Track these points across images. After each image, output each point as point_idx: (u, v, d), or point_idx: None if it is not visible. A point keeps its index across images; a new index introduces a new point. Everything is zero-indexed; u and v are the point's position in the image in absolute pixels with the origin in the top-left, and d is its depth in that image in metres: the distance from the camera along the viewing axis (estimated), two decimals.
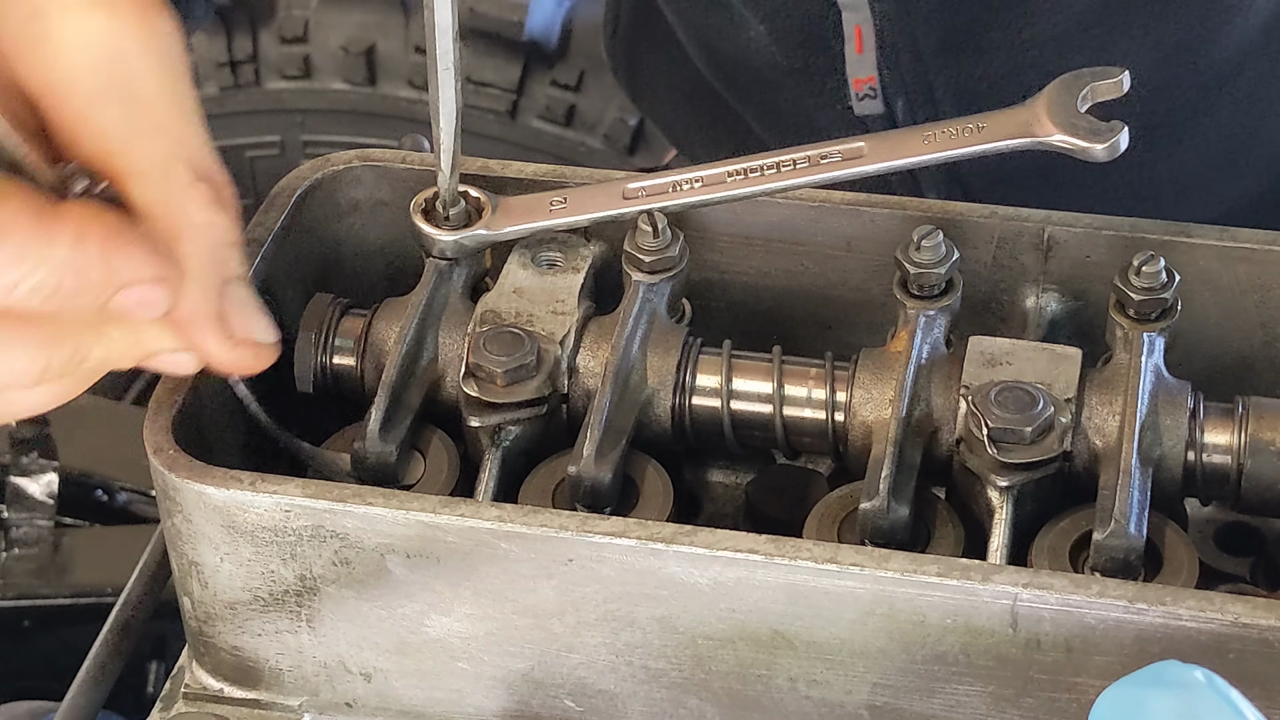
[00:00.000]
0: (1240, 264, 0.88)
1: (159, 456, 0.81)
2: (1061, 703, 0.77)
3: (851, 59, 1.23)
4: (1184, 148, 1.28)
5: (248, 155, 2.27)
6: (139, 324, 0.77)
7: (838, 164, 0.87)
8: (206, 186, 0.76)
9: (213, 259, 0.77)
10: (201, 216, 0.76)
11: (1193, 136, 1.27)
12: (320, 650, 0.84)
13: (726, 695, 0.80)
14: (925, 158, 0.86)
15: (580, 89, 2.21)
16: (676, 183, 0.88)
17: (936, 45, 1.22)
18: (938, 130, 0.86)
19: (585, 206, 0.89)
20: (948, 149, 0.86)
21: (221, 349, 0.78)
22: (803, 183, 0.87)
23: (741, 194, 0.87)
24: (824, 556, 0.76)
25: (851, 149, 0.86)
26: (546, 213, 0.89)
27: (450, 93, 0.83)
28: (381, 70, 2.24)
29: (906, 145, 0.87)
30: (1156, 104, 1.24)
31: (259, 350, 0.80)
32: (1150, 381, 0.83)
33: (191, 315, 0.77)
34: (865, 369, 0.85)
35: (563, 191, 0.89)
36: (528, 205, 0.89)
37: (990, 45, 1.21)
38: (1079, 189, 1.09)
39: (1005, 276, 0.91)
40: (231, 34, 2.25)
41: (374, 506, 0.79)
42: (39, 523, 1.49)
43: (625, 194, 0.88)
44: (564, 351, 0.86)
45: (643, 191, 0.88)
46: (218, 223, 0.77)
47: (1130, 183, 1.27)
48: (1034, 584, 0.75)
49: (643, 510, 0.83)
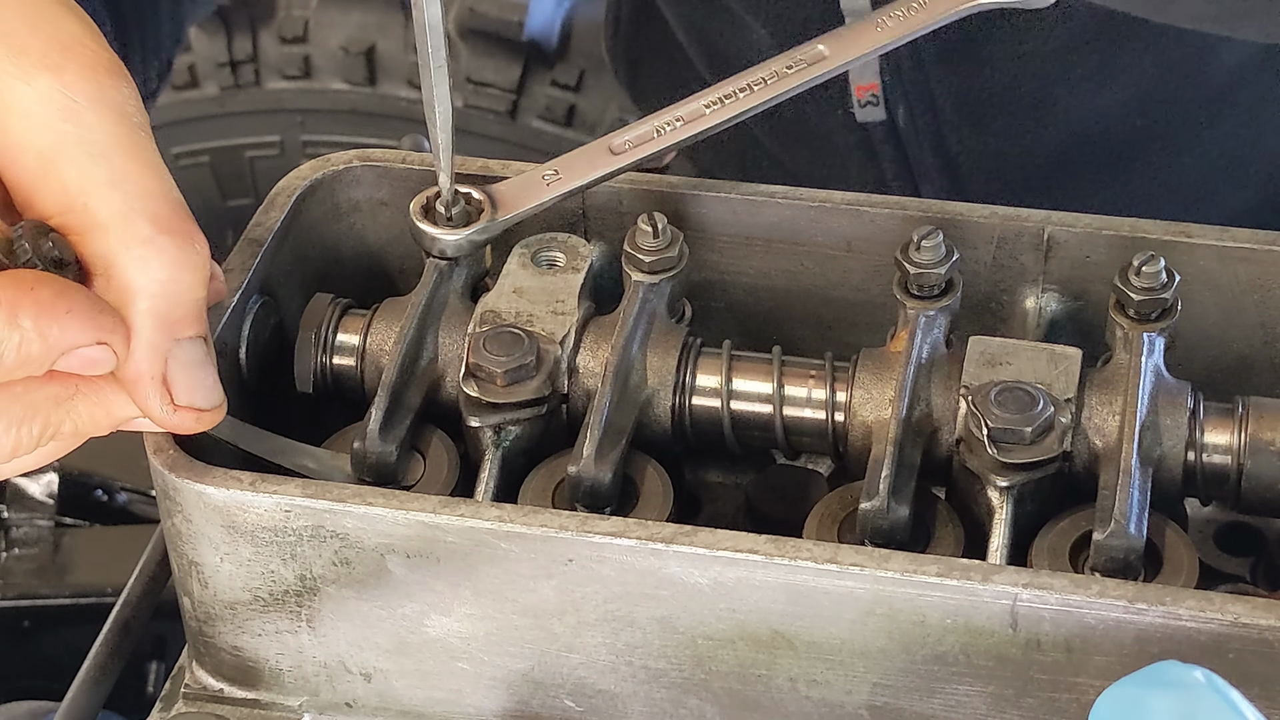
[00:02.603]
0: (1240, 264, 0.88)
1: (159, 456, 0.81)
2: (1061, 703, 0.77)
3: (854, 66, 1.23)
4: (1184, 161, 1.28)
5: (248, 155, 2.28)
6: (105, 392, 0.76)
7: (804, 70, 0.89)
8: (169, 240, 0.75)
9: (166, 317, 0.76)
10: (160, 272, 0.75)
11: (1192, 150, 1.28)
12: (320, 650, 0.84)
13: (726, 695, 0.81)
14: (884, 44, 0.89)
15: (580, 89, 2.21)
16: (658, 127, 0.89)
17: (937, 54, 1.22)
18: (887, 15, 0.90)
19: (580, 172, 0.88)
20: (902, 31, 0.89)
21: (161, 412, 0.77)
22: (779, 95, 0.89)
23: (723, 121, 0.89)
24: (824, 556, 0.76)
25: (814, 54, 0.90)
26: (543, 189, 0.88)
27: (444, 90, 0.83)
28: (381, 70, 2.24)
29: (864, 38, 0.90)
30: (1156, 117, 1.24)
31: (200, 416, 0.78)
32: (1150, 381, 0.83)
33: (134, 376, 0.76)
34: (865, 369, 0.85)
35: (553, 163, 0.89)
36: (522, 186, 0.89)
37: (991, 56, 1.21)
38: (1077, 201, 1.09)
39: (1005, 276, 0.91)
40: (231, 34, 2.25)
41: (374, 506, 0.79)
42: (39, 523, 1.49)
43: (613, 149, 0.89)
44: (564, 351, 0.86)
45: (629, 144, 0.89)
46: (177, 279, 0.76)
47: (1130, 195, 1.27)
48: (1034, 584, 0.75)
49: (643, 510, 0.83)
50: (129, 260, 0.75)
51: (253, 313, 0.88)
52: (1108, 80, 1.22)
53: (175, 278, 0.76)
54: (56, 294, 0.72)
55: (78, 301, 0.73)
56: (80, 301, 0.73)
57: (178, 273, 0.76)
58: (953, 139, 1.26)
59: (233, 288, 0.87)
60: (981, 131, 1.26)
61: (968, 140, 1.26)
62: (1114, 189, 1.27)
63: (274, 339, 0.90)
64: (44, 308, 0.72)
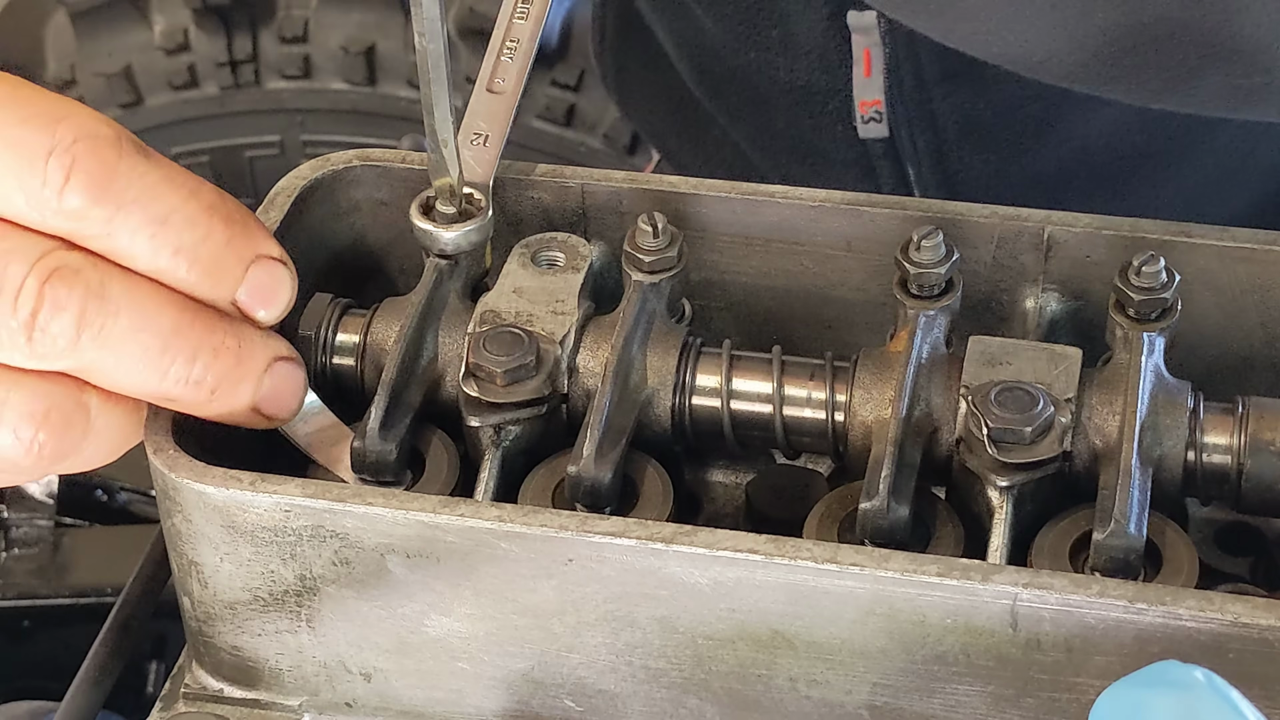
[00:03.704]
0: (1240, 264, 0.88)
1: (159, 456, 0.81)
2: (1061, 703, 0.77)
3: (859, 82, 1.23)
4: (1180, 175, 1.28)
5: (248, 155, 2.28)
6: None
7: None
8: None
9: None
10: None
11: (1190, 164, 1.27)
12: (320, 650, 0.84)
13: (726, 695, 0.81)
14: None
15: (580, 89, 2.21)
16: (503, 43, 0.93)
17: (940, 74, 1.22)
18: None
19: (493, 119, 0.91)
20: None
21: (246, 403, 0.82)
22: None
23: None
24: (824, 556, 0.76)
25: None
26: (487, 152, 0.90)
27: (444, 90, 0.84)
28: (381, 70, 2.24)
29: None
30: (1155, 133, 1.24)
31: (261, 422, 0.84)
32: (1150, 381, 0.83)
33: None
34: (865, 369, 0.85)
35: (467, 127, 0.90)
36: (475, 162, 0.90)
37: (994, 77, 1.21)
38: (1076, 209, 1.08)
39: (1005, 276, 0.91)
40: (231, 34, 2.25)
41: (374, 506, 0.79)
42: (39, 523, 1.49)
43: (491, 89, 0.92)
44: (564, 351, 0.86)
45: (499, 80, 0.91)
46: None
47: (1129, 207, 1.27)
48: (1034, 584, 0.75)
49: (643, 510, 0.83)
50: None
51: None
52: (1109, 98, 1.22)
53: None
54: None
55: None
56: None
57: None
58: (953, 157, 1.26)
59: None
60: (982, 150, 1.26)
61: (967, 159, 1.26)
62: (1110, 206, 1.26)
63: None
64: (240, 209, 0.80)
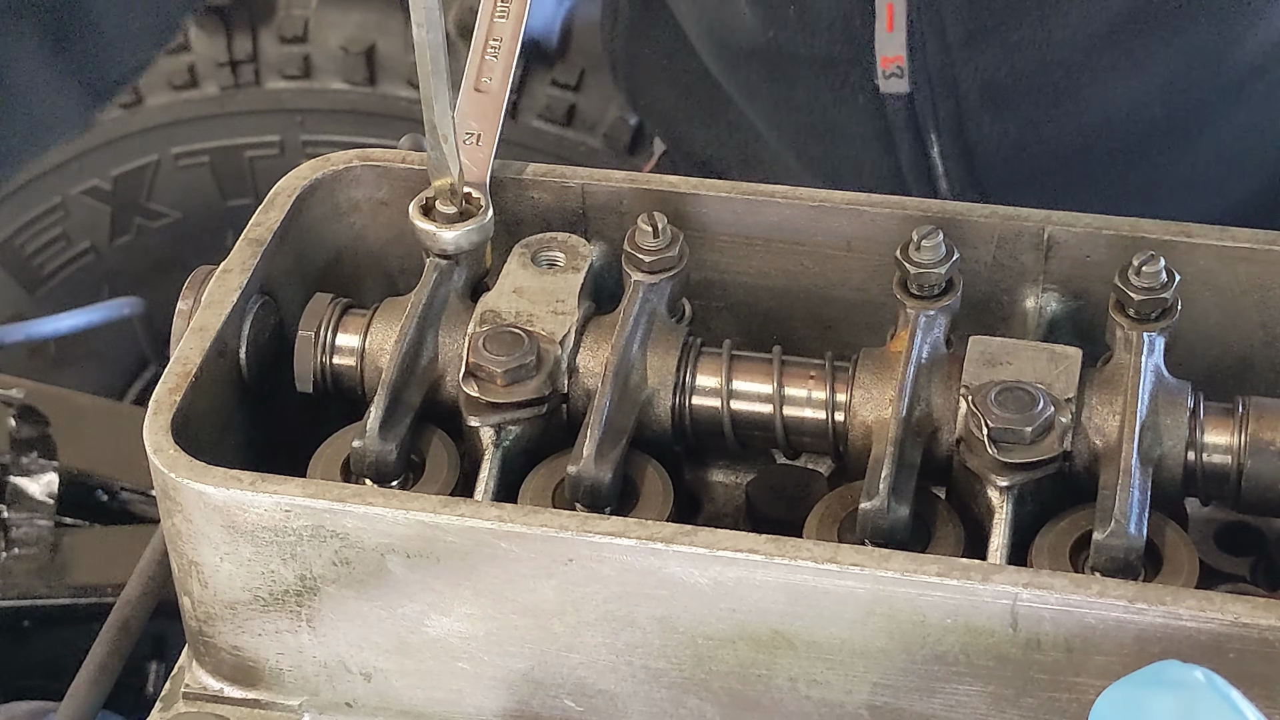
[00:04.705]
0: (1240, 264, 0.88)
1: (159, 456, 0.81)
2: (1061, 703, 0.77)
3: (881, 36, 1.23)
4: (1197, 150, 1.28)
5: (248, 155, 2.27)
6: None
7: None
8: None
9: None
10: None
11: (1207, 140, 1.28)
12: (320, 650, 0.84)
13: (726, 695, 0.80)
14: None
15: (580, 89, 2.20)
16: (487, 42, 0.92)
17: (964, 37, 1.22)
18: None
19: (484, 120, 0.90)
20: None
21: None
22: None
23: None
24: (824, 556, 0.76)
25: None
26: (481, 150, 0.89)
27: (444, 89, 0.84)
28: (381, 70, 2.24)
29: None
30: (1176, 106, 1.24)
31: None
32: (1150, 381, 0.83)
33: None
34: (865, 369, 0.85)
35: (461, 127, 0.90)
36: (471, 163, 0.89)
37: (1017, 42, 1.21)
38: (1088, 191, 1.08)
39: (1005, 276, 0.91)
40: (231, 34, 2.25)
41: (374, 506, 0.79)
42: (39, 523, 1.49)
43: (479, 88, 0.91)
44: (564, 351, 0.86)
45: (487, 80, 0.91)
46: None
47: (1140, 185, 1.27)
48: (1034, 584, 0.75)
49: (643, 510, 0.83)
50: None
51: (253, 312, 0.88)
52: (1132, 69, 1.22)
53: None
54: None
55: None
56: None
57: None
58: (972, 126, 1.26)
59: (232, 287, 0.87)
60: (1002, 119, 1.26)
61: (987, 128, 1.26)
62: (1126, 180, 1.26)
63: (274, 339, 0.90)
64: None
